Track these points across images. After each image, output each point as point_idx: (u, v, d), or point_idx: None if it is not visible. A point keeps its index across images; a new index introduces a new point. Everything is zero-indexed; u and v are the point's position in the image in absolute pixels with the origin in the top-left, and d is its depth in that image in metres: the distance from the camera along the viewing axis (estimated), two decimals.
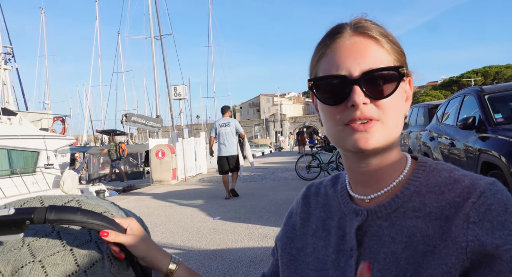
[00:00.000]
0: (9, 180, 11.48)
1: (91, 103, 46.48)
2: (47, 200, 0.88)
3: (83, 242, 0.83)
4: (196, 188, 12.17)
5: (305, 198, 0.94)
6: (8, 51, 14.98)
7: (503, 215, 0.65)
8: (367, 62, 0.71)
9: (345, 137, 0.72)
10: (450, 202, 0.69)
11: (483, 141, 4.99)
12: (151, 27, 22.20)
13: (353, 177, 0.81)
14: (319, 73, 0.75)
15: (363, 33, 0.73)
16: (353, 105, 0.69)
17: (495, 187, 0.68)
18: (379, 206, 0.75)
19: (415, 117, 10.25)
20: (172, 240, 5.72)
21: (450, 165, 0.76)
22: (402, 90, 0.75)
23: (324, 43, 0.76)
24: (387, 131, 0.72)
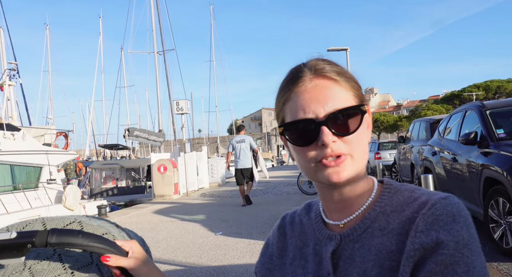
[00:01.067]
0: (12, 196, 11.48)
1: (93, 118, 46.73)
2: (49, 221, 0.88)
3: (84, 264, 0.83)
4: (198, 202, 12.13)
5: (281, 228, 0.98)
6: (13, 67, 15.15)
7: (450, 224, 0.69)
8: (330, 103, 0.77)
9: (318, 172, 0.78)
10: (409, 217, 0.75)
11: (485, 157, 4.99)
12: (154, 43, 22.49)
13: (327, 205, 0.86)
14: (286, 116, 0.81)
15: (323, 75, 0.80)
16: (323, 144, 0.76)
17: (447, 201, 0.73)
18: (350, 229, 0.81)
19: (417, 131, 10.27)
20: (174, 257, 5.69)
21: (413, 186, 0.83)
22: (364, 122, 0.81)
23: (287, 88, 0.81)
24: (356, 163, 0.78)
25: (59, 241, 0.74)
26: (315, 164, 0.78)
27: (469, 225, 0.71)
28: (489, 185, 4.84)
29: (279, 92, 0.84)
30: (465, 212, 0.72)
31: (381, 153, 17.33)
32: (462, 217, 0.70)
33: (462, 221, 0.70)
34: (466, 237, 0.69)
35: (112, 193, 19.26)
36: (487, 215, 4.81)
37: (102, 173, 20.19)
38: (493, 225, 4.72)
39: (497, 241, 4.63)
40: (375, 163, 16.26)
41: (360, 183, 0.82)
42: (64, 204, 12.30)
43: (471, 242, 0.69)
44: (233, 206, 10.59)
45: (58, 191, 13.34)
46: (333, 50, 17.04)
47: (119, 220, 9.50)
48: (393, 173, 12.65)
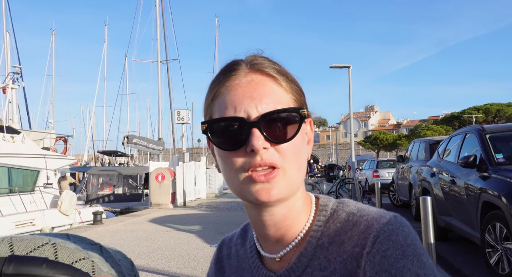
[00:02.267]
0: (7, 198, 11.43)
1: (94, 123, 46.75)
2: (17, 242, 0.75)
3: None
4: (194, 213, 12.07)
5: (218, 263, 0.87)
6: (17, 70, 15.23)
7: (401, 261, 0.60)
8: (266, 102, 0.66)
9: (246, 188, 0.66)
10: (351, 253, 0.65)
11: (484, 180, 5.00)
12: (158, 52, 22.66)
13: (259, 232, 0.75)
14: (214, 115, 0.69)
15: (260, 70, 0.68)
16: (252, 150, 0.64)
17: (390, 226, 0.63)
18: (287, 270, 0.71)
19: (416, 151, 10.29)
20: (168, 267, 5.65)
21: (350, 203, 0.72)
22: (303, 133, 0.70)
23: (218, 81, 0.70)
24: (290, 179, 0.67)
25: (16, 272, 0.61)
26: (243, 177, 0.66)
27: (419, 254, 0.61)
28: (486, 210, 4.84)
29: (209, 87, 0.72)
30: (411, 236, 0.63)
31: (379, 171, 17.32)
32: (410, 246, 0.61)
33: (411, 252, 0.61)
34: (420, 272, 0.59)
35: (108, 200, 19.18)
36: (483, 240, 4.80)
37: (99, 179, 20.14)
38: (490, 250, 4.70)
39: (493, 266, 4.61)
40: (373, 181, 16.27)
41: (295, 203, 0.71)
42: (59, 209, 12.23)
43: (427, 275, 0.60)
44: (230, 218, 10.55)
45: (54, 196, 13.28)
46: (336, 67, 17.16)
47: (115, 228, 9.46)
48: (391, 192, 12.63)
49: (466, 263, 5.45)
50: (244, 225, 0.86)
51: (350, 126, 14.71)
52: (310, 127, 0.75)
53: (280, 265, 0.73)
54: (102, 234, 8.60)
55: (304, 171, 0.70)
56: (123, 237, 8.19)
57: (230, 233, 0.90)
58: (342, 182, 12.68)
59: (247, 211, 0.73)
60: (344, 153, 72.42)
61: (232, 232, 0.90)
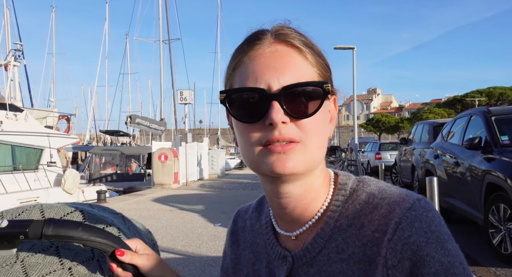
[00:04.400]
0: (11, 176, 11.50)
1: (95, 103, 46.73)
2: (48, 209, 0.78)
3: (83, 259, 0.73)
4: (197, 193, 12.17)
5: (233, 235, 0.86)
6: (18, 47, 15.08)
7: (424, 249, 0.57)
8: (288, 75, 0.63)
9: (261, 160, 0.63)
10: (371, 238, 0.62)
11: (488, 162, 5.01)
12: (160, 31, 22.39)
13: (275, 210, 0.72)
14: (234, 85, 0.66)
15: (285, 41, 0.65)
16: (271, 123, 0.61)
17: (413, 211, 0.60)
18: (303, 250, 0.69)
19: (419, 134, 10.27)
20: (173, 245, 5.72)
21: (371, 182, 0.69)
22: (326, 110, 0.67)
23: (241, 50, 0.67)
24: (309, 154, 0.63)
25: (56, 233, 0.65)
26: (259, 150, 0.63)
27: (443, 240, 0.59)
28: (490, 191, 4.86)
29: (232, 55, 0.69)
30: (435, 222, 0.60)
31: (381, 154, 17.34)
32: (434, 232, 0.58)
33: (434, 239, 0.58)
34: (444, 260, 0.57)
35: (111, 179, 19.29)
36: (487, 221, 4.84)
37: (102, 159, 20.21)
38: (493, 231, 4.74)
39: (496, 246, 4.65)
40: (375, 163, 16.32)
41: (314, 182, 0.68)
42: (63, 187, 12.31)
43: (452, 263, 0.57)
44: (232, 198, 10.63)
45: (58, 174, 13.35)
46: (340, 48, 16.99)
47: (118, 207, 9.55)
48: (393, 174, 12.67)
49: (468, 244, 5.51)
50: (260, 198, 0.84)
51: (353, 108, 14.65)
52: (334, 104, 0.71)
53: (295, 243, 0.71)
54: None
55: (325, 149, 0.67)
56: (127, 215, 8.16)
57: (245, 205, 0.88)
58: (344, 164, 12.72)
59: (263, 186, 0.71)
60: (345, 135, 72.42)
61: (248, 204, 0.88)
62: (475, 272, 4.28)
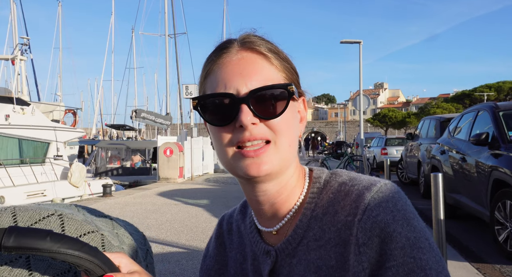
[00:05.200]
0: (19, 169, 11.61)
1: (102, 97, 46.88)
2: (21, 213, 0.68)
3: (58, 272, 0.65)
4: (202, 187, 12.19)
5: (219, 238, 0.88)
6: (25, 42, 15.15)
7: (391, 225, 0.61)
8: (255, 79, 0.66)
9: (236, 164, 0.67)
10: (344, 222, 0.65)
11: (495, 158, 4.95)
12: (166, 25, 22.37)
13: (255, 208, 0.76)
14: (206, 92, 0.71)
15: (251, 48, 0.69)
16: (241, 125, 0.65)
17: (380, 193, 0.64)
18: (284, 242, 0.72)
19: (426, 129, 10.20)
20: (177, 239, 5.74)
21: (343, 173, 0.73)
22: (294, 110, 0.71)
23: (210, 59, 0.71)
24: (281, 153, 0.67)
25: (18, 244, 0.55)
26: (233, 152, 0.67)
27: (409, 218, 0.62)
28: (497, 187, 4.80)
29: (203, 65, 0.73)
30: (401, 202, 0.64)
31: (387, 149, 17.26)
32: (400, 211, 0.62)
33: (401, 216, 0.62)
34: (410, 235, 0.61)
35: (117, 173, 19.40)
36: (493, 217, 4.79)
37: (108, 153, 20.32)
38: (499, 228, 4.70)
39: (502, 243, 4.61)
40: (381, 158, 16.24)
41: (288, 179, 0.72)
42: (69, 180, 12.42)
43: (418, 238, 0.61)
44: (237, 192, 10.64)
45: (64, 168, 13.46)
46: (346, 42, 16.86)
47: (123, 200, 9.60)
48: (399, 170, 12.61)
49: (473, 240, 5.47)
50: (243, 201, 0.86)
51: (359, 103, 14.57)
52: (303, 105, 0.75)
53: (277, 238, 0.74)
54: (111, 206, 8.74)
55: (296, 147, 0.71)
56: (132, 209, 8.32)
57: (230, 209, 0.91)
58: (350, 159, 12.68)
59: (242, 187, 0.74)
60: (352, 130, 72.17)
61: (232, 208, 0.91)
62: (480, 269, 4.25)
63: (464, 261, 4.47)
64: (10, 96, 12.49)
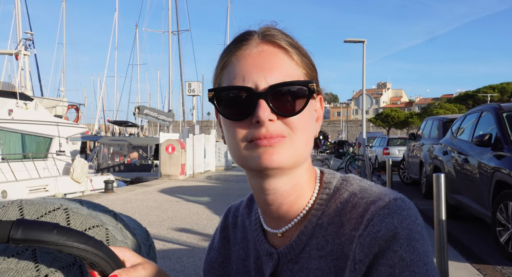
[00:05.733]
0: (21, 164, 11.64)
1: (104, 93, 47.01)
2: (27, 206, 0.69)
3: (63, 265, 0.66)
4: (204, 185, 12.21)
5: (224, 231, 0.87)
6: (29, 37, 15.17)
7: (389, 243, 0.58)
8: (275, 74, 0.64)
9: (248, 154, 0.65)
10: (348, 236, 0.63)
11: (498, 159, 4.94)
12: (170, 22, 22.39)
13: (262, 207, 0.74)
14: (222, 84, 0.68)
15: (272, 41, 0.67)
16: (258, 121, 0.63)
17: (386, 210, 0.61)
18: (287, 247, 0.70)
19: (429, 129, 10.17)
20: (178, 236, 5.75)
21: (354, 181, 0.70)
22: (312, 108, 0.69)
23: (229, 50, 0.68)
24: (295, 148, 0.65)
25: (25, 237, 0.57)
26: (245, 145, 0.65)
27: (412, 238, 0.58)
28: (499, 189, 4.79)
29: (220, 56, 0.70)
30: (408, 220, 0.60)
31: (389, 149, 17.23)
32: (404, 229, 0.59)
33: (403, 235, 0.58)
34: (406, 256, 0.57)
35: (118, 169, 19.44)
36: (495, 219, 4.78)
37: (110, 149, 20.35)
38: (500, 229, 4.69)
39: (503, 245, 4.61)
40: (383, 158, 16.22)
41: (299, 178, 0.69)
42: (71, 176, 12.45)
43: (414, 261, 0.57)
44: (239, 190, 10.65)
45: (67, 163, 13.49)
46: (350, 42, 16.83)
47: (125, 197, 9.63)
48: (401, 170, 12.60)
49: (475, 241, 5.46)
50: (250, 195, 0.84)
51: (362, 102, 14.55)
52: (320, 104, 0.73)
53: (281, 240, 0.73)
54: (113, 202, 8.76)
55: (311, 146, 0.69)
56: (134, 206, 8.34)
57: (237, 201, 0.90)
58: (352, 159, 12.67)
59: (251, 183, 0.72)
60: (354, 130, 72.09)
61: (239, 200, 0.89)
62: (481, 270, 4.24)
63: (465, 262, 4.47)
64: (13, 91, 12.51)
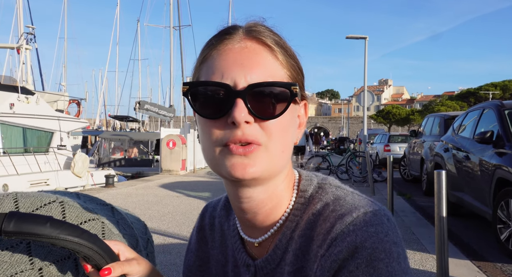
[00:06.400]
0: (22, 158, 11.65)
1: (106, 88, 46.97)
2: (23, 199, 0.69)
3: (58, 258, 0.65)
4: (204, 180, 12.22)
5: (200, 232, 0.83)
6: (30, 31, 15.14)
7: (347, 263, 0.54)
8: (256, 73, 0.60)
9: (221, 161, 0.61)
10: (314, 254, 0.60)
11: (499, 157, 4.93)
12: (171, 17, 22.34)
13: (238, 215, 0.70)
14: (200, 78, 0.64)
15: (257, 38, 0.63)
16: (233, 122, 0.58)
17: (351, 226, 0.57)
18: (263, 261, 0.68)
19: (430, 126, 10.15)
20: (179, 231, 5.76)
21: (330, 189, 0.66)
22: (294, 113, 0.65)
23: (210, 43, 0.64)
24: (272, 159, 0.61)
25: (18, 230, 0.56)
26: (220, 149, 0.60)
27: (374, 258, 0.54)
28: (500, 186, 4.79)
29: (201, 49, 0.67)
30: (374, 238, 0.55)
31: (390, 146, 17.22)
32: (367, 249, 0.54)
33: (364, 255, 0.54)
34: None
35: (119, 164, 19.46)
36: (495, 216, 4.78)
37: (111, 144, 20.36)
38: (501, 226, 4.69)
39: (503, 242, 4.61)
40: (384, 155, 16.21)
41: (276, 185, 0.65)
42: (72, 170, 12.46)
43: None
44: None
45: (68, 157, 13.50)
46: (352, 38, 16.75)
47: (126, 191, 9.64)
48: (402, 167, 12.59)
49: (475, 239, 5.46)
50: (226, 196, 0.80)
51: (364, 99, 14.52)
52: (304, 110, 0.69)
53: (258, 250, 0.70)
54: (114, 196, 8.77)
55: (290, 154, 0.65)
56: (135, 200, 8.35)
57: (214, 200, 0.85)
58: (352, 155, 12.67)
59: (226, 188, 0.69)
60: (355, 126, 72.01)
61: (217, 198, 0.85)
62: (481, 267, 4.25)
63: (466, 259, 4.47)
64: (15, 85, 12.50)
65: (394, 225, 0.59)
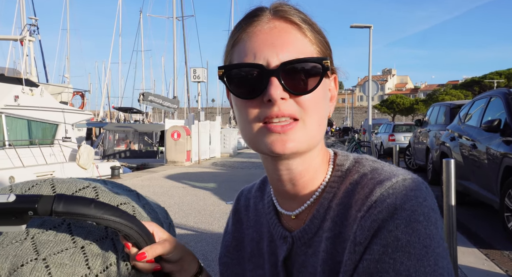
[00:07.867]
0: (28, 150, 11.70)
1: (109, 80, 46.97)
2: (59, 184, 0.75)
3: (97, 238, 0.70)
4: (209, 171, 12.25)
5: (236, 214, 0.87)
6: (33, 22, 15.11)
7: (385, 223, 0.56)
8: (287, 51, 0.62)
9: (260, 139, 0.63)
10: (353, 218, 0.61)
11: (507, 145, 4.90)
12: (174, 7, 22.17)
13: (275, 188, 0.73)
14: (233, 61, 0.66)
15: (284, 17, 0.65)
16: (269, 100, 0.61)
17: (391, 190, 0.58)
18: (301, 231, 0.70)
19: (435, 115, 10.10)
20: (185, 221, 5.79)
21: (367, 162, 0.68)
22: (325, 87, 0.67)
23: (239, 27, 0.66)
24: (309, 132, 0.63)
25: (67, 210, 0.62)
26: (258, 127, 0.63)
27: (413, 220, 0.55)
28: (508, 174, 4.77)
29: (231, 33, 0.69)
30: (413, 201, 0.56)
31: (395, 135, 17.16)
32: (406, 210, 0.55)
33: (403, 216, 0.55)
34: (402, 237, 0.54)
35: (124, 156, 19.52)
36: (503, 204, 4.77)
37: (116, 135, 20.40)
38: (508, 215, 4.68)
39: (511, 230, 4.60)
40: (389, 144, 16.17)
41: (313, 159, 0.68)
42: (78, 162, 12.51)
43: (411, 242, 0.54)
44: (244, 176, 10.68)
45: (73, 149, 13.56)
46: (356, 27, 16.63)
47: (131, 183, 9.67)
48: (407, 156, 12.56)
49: (482, 227, 5.46)
50: (263, 177, 0.84)
51: (368, 89, 14.45)
52: (334, 83, 0.71)
53: (295, 222, 0.72)
54: None
55: (325, 126, 0.67)
56: (141, 191, 8.18)
57: (249, 184, 0.89)
58: (357, 145, 12.65)
59: (264, 164, 0.71)
60: (359, 116, 71.79)
61: (252, 183, 0.88)
62: (488, 255, 4.25)
63: (473, 247, 4.47)
64: (19, 77, 12.51)
65: (431, 193, 0.60)
